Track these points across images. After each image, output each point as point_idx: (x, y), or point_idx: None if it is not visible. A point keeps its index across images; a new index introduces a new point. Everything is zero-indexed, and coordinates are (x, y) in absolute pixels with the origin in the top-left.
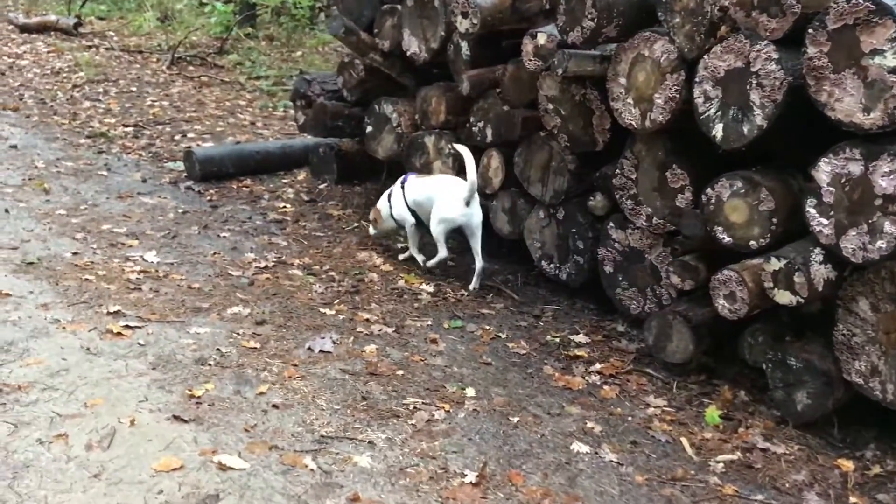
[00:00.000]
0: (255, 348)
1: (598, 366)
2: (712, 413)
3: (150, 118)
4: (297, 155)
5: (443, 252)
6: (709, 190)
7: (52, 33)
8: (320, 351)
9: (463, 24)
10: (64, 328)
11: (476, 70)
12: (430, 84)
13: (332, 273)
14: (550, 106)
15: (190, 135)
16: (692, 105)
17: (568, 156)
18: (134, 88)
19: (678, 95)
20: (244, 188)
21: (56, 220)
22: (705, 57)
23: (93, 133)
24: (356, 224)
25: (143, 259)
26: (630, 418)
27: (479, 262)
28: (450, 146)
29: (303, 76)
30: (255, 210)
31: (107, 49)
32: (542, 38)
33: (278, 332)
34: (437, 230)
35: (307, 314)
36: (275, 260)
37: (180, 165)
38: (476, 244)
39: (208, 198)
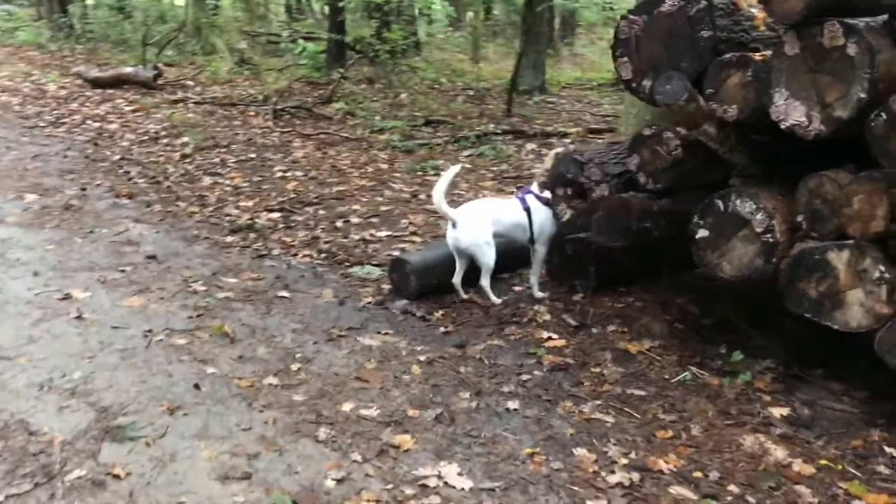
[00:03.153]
0: None
1: None
2: None
3: (291, 197)
4: (518, 250)
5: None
6: None
7: (127, 87)
8: None
9: None
10: None
11: None
12: (765, 165)
13: (733, 488)
14: None
15: (353, 219)
16: None
17: None
18: (252, 154)
19: None
20: (473, 305)
21: (274, 402)
22: None
23: (236, 226)
24: (682, 370)
25: (446, 483)
26: None
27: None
28: (878, 270)
29: (572, 155)
30: (514, 347)
31: (195, 103)
32: None
33: None
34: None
35: None
36: (627, 463)
37: (370, 271)
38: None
39: (441, 328)
